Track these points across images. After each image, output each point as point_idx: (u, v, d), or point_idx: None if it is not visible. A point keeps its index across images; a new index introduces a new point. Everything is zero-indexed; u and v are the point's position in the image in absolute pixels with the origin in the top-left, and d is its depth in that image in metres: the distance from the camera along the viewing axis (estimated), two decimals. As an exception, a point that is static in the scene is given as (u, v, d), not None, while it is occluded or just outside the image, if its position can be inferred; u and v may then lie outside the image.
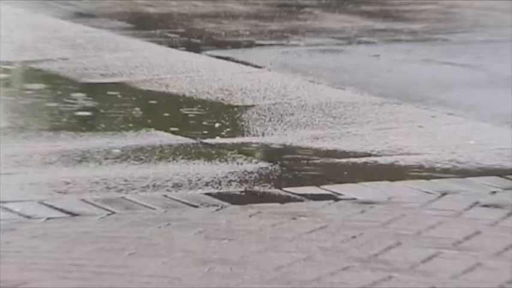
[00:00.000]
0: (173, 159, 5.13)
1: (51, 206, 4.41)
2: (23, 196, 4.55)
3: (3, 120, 6.03)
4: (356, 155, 5.29)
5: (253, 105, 6.01)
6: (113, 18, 7.97)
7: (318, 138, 5.52)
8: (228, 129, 5.65)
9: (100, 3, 8.59)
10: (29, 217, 4.30)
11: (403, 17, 8.34)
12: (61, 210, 4.39)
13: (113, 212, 4.38)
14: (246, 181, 4.84)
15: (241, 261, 3.84)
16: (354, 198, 4.60)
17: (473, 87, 6.56)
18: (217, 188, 4.73)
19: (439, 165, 5.12)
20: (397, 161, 5.19)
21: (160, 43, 7.29)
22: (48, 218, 4.28)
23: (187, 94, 6.19)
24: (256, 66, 6.73)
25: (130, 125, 5.73)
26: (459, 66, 6.99)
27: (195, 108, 5.97)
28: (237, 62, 6.82)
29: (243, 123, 5.78)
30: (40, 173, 4.98)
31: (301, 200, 4.59)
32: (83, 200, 4.49)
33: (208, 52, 7.01)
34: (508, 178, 4.90)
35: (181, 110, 5.96)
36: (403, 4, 8.84)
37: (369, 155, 5.27)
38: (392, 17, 8.25)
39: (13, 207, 4.37)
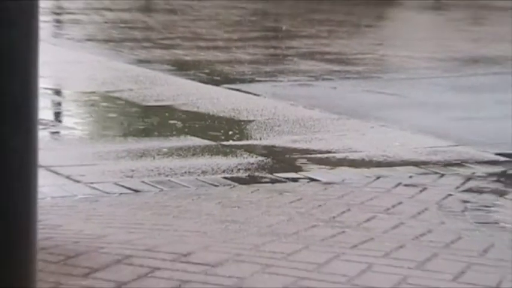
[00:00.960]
0: (201, 155, 5.17)
1: (122, 186, 4.41)
2: (104, 179, 4.57)
3: (91, 129, 6.08)
4: (321, 152, 5.33)
5: (253, 120, 6.02)
6: (162, 63, 7.84)
7: (296, 141, 5.54)
8: (237, 135, 5.70)
9: (154, 53, 8.42)
10: (107, 193, 4.30)
11: (351, 62, 8.14)
12: (128, 188, 4.39)
13: (162, 189, 4.37)
14: (249, 169, 4.91)
15: (246, 221, 3.86)
16: (320, 180, 4.62)
17: (398, 108, 6.54)
18: (230, 173, 4.78)
19: (375, 159, 5.17)
20: (348, 156, 5.23)
21: (193, 79, 7.16)
22: (120, 194, 4.28)
23: (211, 112, 6.18)
24: (255, 95, 6.68)
25: (174, 132, 5.75)
26: (388, 95, 6.98)
27: (215, 122, 5.99)
28: (243, 92, 6.75)
29: (247, 131, 5.81)
30: (114, 163, 4.98)
31: (285, 182, 4.60)
32: (143, 182, 4.51)
33: (225, 85, 6.94)
34: (420, 167, 4.93)
35: (206, 122, 5.95)
36: (351, 54, 8.64)
37: (329, 152, 5.31)
38: (344, 63, 8.09)
39: (97, 186, 4.39)
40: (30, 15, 0.95)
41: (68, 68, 7.55)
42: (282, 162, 5.11)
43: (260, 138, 5.60)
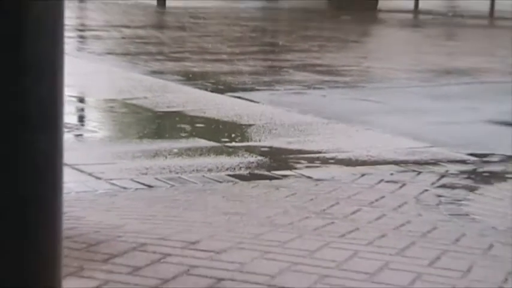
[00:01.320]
0: (207, 155, 5.14)
1: (137, 182, 4.38)
2: (121, 176, 4.55)
3: (110, 132, 6.07)
4: (313, 152, 5.30)
5: (253, 124, 6.01)
6: (173, 74, 7.84)
7: (291, 143, 5.52)
8: (239, 138, 5.67)
9: (166, 65, 8.42)
10: (124, 188, 4.27)
11: (339, 73, 8.15)
12: (143, 184, 4.36)
13: (173, 185, 4.34)
14: (250, 167, 4.88)
15: (246, 213, 3.85)
16: (311, 177, 4.59)
17: (380, 114, 6.51)
18: (233, 171, 4.75)
19: (360, 158, 5.15)
20: (336, 156, 5.21)
21: (200, 88, 7.14)
22: (136, 189, 4.25)
23: (216, 117, 6.17)
24: (255, 102, 6.67)
25: (183, 134, 5.72)
26: (372, 102, 6.97)
27: (220, 125, 5.97)
28: (244, 99, 6.73)
29: (248, 134, 5.79)
30: (131, 162, 4.95)
31: (281, 178, 4.57)
32: (156, 178, 4.48)
33: (228, 93, 6.93)
34: (400, 166, 4.93)
35: (212, 126, 5.94)
36: (339, 66, 8.66)
37: (320, 152, 5.29)
38: (333, 74, 8.09)
39: (115, 182, 4.37)
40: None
41: (90, 78, 7.55)
42: (278, 161, 5.09)
43: (259, 140, 5.58)
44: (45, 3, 0.88)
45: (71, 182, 4.18)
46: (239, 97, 6.87)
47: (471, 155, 5.26)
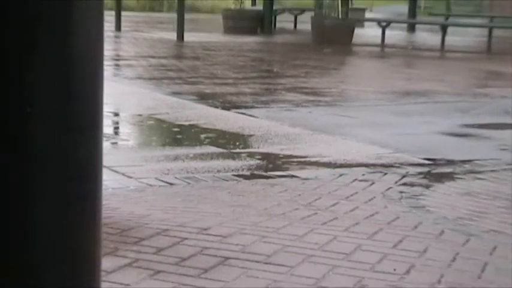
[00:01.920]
0: (217, 159, 5.14)
1: (161, 180, 4.38)
2: (148, 175, 4.54)
3: (139, 140, 6.04)
4: (300, 157, 5.29)
5: (253, 134, 5.98)
6: (189, 94, 7.84)
7: (283, 149, 5.50)
8: (242, 145, 5.65)
9: (183, 88, 8.42)
10: (150, 185, 4.27)
11: (322, 94, 8.16)
12: (165, 182, 4.35)
13: (189, 183, 4.34)
14: (250, 169, 4.88)
15: (248, 206, 3.85)
16: (299, 177, 4.59)
17: (354, 126, 6.51)
18: (237, 172, 4.76)
19: (338, 161, 5.14)
20: (319, 160, 5.20)
21: (211, 106, 7.14)
22: (160, 186, 4.25)
23: (223, 129, 6.15)
24: (255, 117, 6.65)
25: (197, 143, 5.69)
26: (348, 117, 6.97)
27: (226, 135, 5.95)
28: (246, 115, 6.72)
29: (249, 142, 5.77)
30: (156, 164, 4.94)
31: (275, 178, 4.56)
32: (176, 177, 4.48)
33: (233, 110, 6.91)
34: (370, 168, 4.92)
35: (220, 136, 5.91)
36: (322, 88, 8.65)
37: (306, 157, 5.28)
38: (317, 94, 8.10)
39: (143, 180, 4.37)
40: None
41: (123, 98, 7.55)
42: (273, 164, 5.09)
43: (258, 147, 5.57)
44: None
45: (108, 180, 4.17)
46: (242, 113, 6.88)
47: (426, 159, 5.26)
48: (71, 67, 0.83)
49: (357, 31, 16.24)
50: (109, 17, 15.33)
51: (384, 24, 16.30)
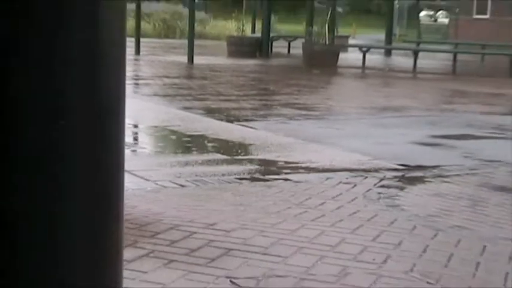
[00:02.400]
0: (222, 164, 5.11)
1: (174, 182, 4.33)
2: (163, 178, 4.50)
3: (155, 148, 5.98)
4: (293, 162, 5.26)
5: (253, 143, 5.95)
6: (198, 109, 7.81)
7: (278, 156, 5.46)
8: (243, 153, 5.62)
9: (193, 103, 8.36)
10: (165, 187, 4.25)
11: (311, 109, 8.12)
12: (178, 184, 4.30)
13: (198, 185, 4.30)
14: (250, 173, 4.84)
15: (248, 205, 3.84)
16: (292, 180, 4.58)
17: (339, 137, 6.47)
18: (239, 175, 4.72)
19: (325, 167, 5.11)
20: (309, 165, 5.17)
21: (216, 119, 7.11)
22: (173, 188, 4.21)
23: (227, 139, 6.12)
24: (254, 128, 6.62)
25: (205, 150, 5.69)
26: (334, 129, 6.94)
27: (230, 144, 5.92)
28: (247, 126, 6.68)
29: (249, 150, 5.74)
30: (169, 169, 4.90)
31: (272, 180, 4.55)
32: (187, 180, 4.46)
33: (235, 123, 6.88)
34: (352, 172, 4.89)
35: (225, 145, 5.88)
36: (311, 104, 8.62)
37: (298, 163, 5.25)
38: (307, 109, 8.07)
39: (159, 183, 4.34)
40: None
41: (141, 112, 7.51)
42: (270, 169, 5.06)
43: (257, 154, 5.55)
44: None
45: (128, 182, 4.17)
46: (243, 125, 6.86)
47: (401, 165, 5.24)
48: (98, 88, 0.82)
49: (342, 55, 16.28)
50: (130, 43, 15.32)
51: (364, 49, 16.42)
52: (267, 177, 4.70)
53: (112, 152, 0.81)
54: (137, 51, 16.40)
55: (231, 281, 2.63)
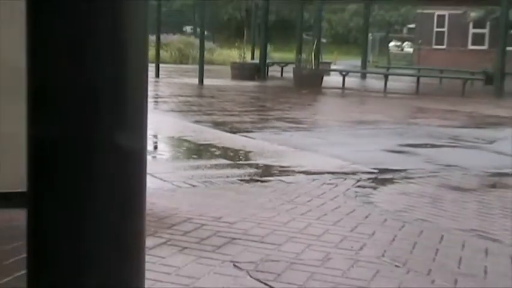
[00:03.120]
0: (226, 168, 5.07)
1: (187, 183, 4.29)
2: (178, 179, 4.45)
3: (171, 154, 5.91)
4: (286, 166, 5.21)
5: (252, 151, 5.92)
6: (207, 122, 7.75)
7: (274, 161, 5.42)
8: (244, 158, 5.57)
9: (202, 117, 8.30)
10: (179, 186, 4.21)
11: (301, 122, 8.09)
12: (190, 184, 4.27)
13: (206, 185, 4.28)
14: (250, 175, 4.81)
15: (248, 201, 3.81)
16: (284, 181, 4.55)
17: (324, 145, 6.43)
18: (240, 177, 4.69)
19: (312, 170, 5.07)
20: (299, 169, 5.12)
21: (222, 130, 7.05)
22: (186, 187, 4.17)
23: (231, 147, 6.07)
24: (253, 138, 6.58)
25: (212, 156, 5.65)
26: (319, 138, 6.90)
27: (233, 151, 5.87)
28: (247, 137, 6.63)
29: (249, 156, 5.69)
30: (183, 172, 4.80)
31: (268, 181, 4.52)
32: (198, 181, 4.36)
33: (237, 133, 6.84)
34: (334, 174, 4.87)
35: (229, 152, 5.83)
36: (301, 118, 8.59)
37: (290, 167, 5.21)
38: (297, 123, 8.03)
39: (174, 183, 4.30)
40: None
41: (159, 124, 7.48)
42: (266, 171, 5.03)
43: (255, 160, 5.51)
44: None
45: (149, 183, 3.99)
46: (244, 135, 6.82)
47: (374, 169, 5.22)
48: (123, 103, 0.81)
49: (325, 78, 16.33)
50: (151, 68, 15.34)
51: (344, 73, 16.54)
52: (263, 178, 4.67)
53: (136, 158, 0.81)
54: (157, 74, 16.47)
55: (234, 265, 2.63)
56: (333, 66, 21.53)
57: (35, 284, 0.72)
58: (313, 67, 15.69)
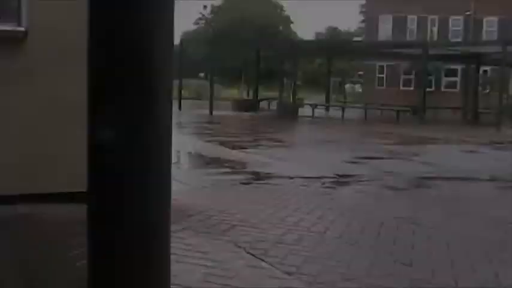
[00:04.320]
0: (230, 174, 4.99)
1: (201, 185, 4.17)
2: (193, 182, 4.29)
3: (188, 164, 5.85)
4: (275, 173, 5.10)
5: (248, 162, 5.83)
6: (215, 142, 7.59)
7: (265, 169, 5.30)
8: (243, 167, 5.49)
9: (212, 138, 8.11)
10: (195, 187, 4.08)
11: (283, 141, 7.97)
12: (203, 186, 4.18)
13: (215, 187, 4.18)
14: (247, 179, 4.72)
15: (245, 198, 3.74)
16: (272, 183, 4.47)
17: (300, 157, 6.43)
18: (240, 180, 4.60)
19: (291, 175, 4.91)
20: (282, 174, 4.98)
21: (226, 147, 6.97)
22: (200, 188, 4.06)
23: (233, 159, 5.99)
24: (249, 153, 6.48)
25: (219, 166, 5.54)
26: (297, 152, 6.82)
27: (234, 162, 5.79)
28: (245, 152, 6.52)
29: (246, 166, 5.60)
30: (197, 176, 4.73)
31: (267, 184, 4.43)
32: (208, 184, 4.29)
33: (238, 150, 6.74)
34: (307, 178, 4.73)
35: (232, 163, 5.74)
36: (282, 138, 8.48)
37: (277, 173, 5.08)
38: (281, 141, 7.90)
39: (190, 185, 4.14)
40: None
41: (180, 144, 7.20)
42: (259, 176, 4.93)
43: (252, 168, 5.42)
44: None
45: (172, 185, 4.00)
46: (242, 151, 6.73)
47: (336, 174, 5.17)
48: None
49: (300, 110, 16.46)
50: (175, 102, 15.30)
51: (314, 106, 16.66)
52: (255, 182, 4.61)
53: (163, 166, 0.80)
54: (179, 107, 16.60)
55: (235, 244, 2.60)
56: (305, 102, 21.66)
57: (94, 273, 0.68)
58: (292, 102, 15.85)
